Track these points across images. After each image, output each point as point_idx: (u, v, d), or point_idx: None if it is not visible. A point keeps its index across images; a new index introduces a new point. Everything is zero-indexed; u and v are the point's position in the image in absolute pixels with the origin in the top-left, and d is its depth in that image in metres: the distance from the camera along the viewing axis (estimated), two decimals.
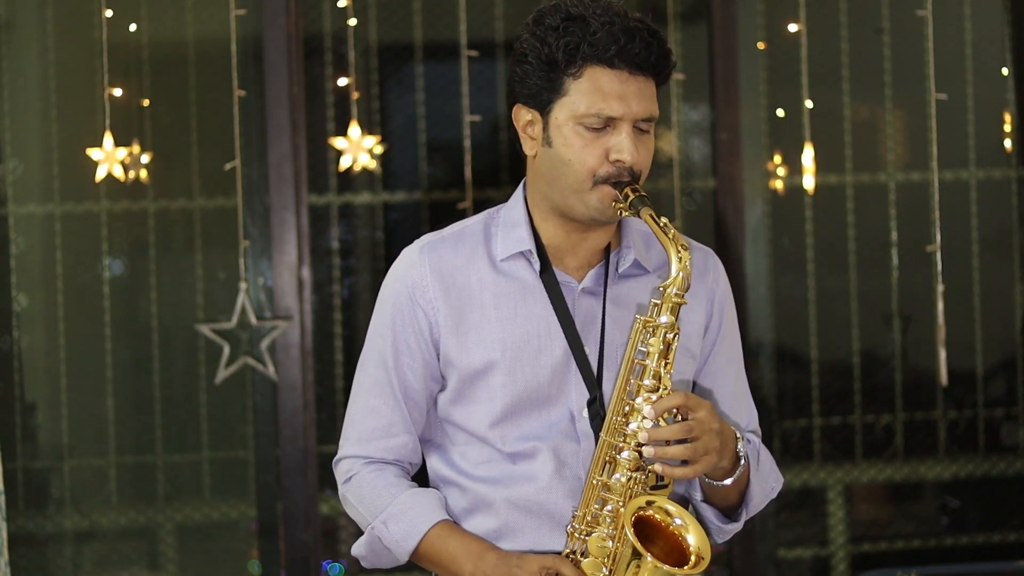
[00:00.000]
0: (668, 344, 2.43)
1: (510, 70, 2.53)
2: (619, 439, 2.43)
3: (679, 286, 2.42)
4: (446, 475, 2.60)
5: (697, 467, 2.39)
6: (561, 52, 2.44)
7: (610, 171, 2.45)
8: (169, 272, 5.19)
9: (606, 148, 2.45)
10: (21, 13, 5.13)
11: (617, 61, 2.43)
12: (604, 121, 2.45)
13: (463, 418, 2.56)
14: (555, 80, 2.46)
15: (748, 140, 5.07)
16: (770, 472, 2.62)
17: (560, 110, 2.47)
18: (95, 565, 5.16)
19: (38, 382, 5.15)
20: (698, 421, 2.39)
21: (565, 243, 2.56)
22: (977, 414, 5.42)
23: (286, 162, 4.73)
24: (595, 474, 2.45)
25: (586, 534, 2.45)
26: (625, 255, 2.57)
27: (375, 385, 2.60)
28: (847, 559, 5.37)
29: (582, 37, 2.43)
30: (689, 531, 2.41)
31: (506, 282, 2.55)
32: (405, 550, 2.53)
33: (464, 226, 2.62)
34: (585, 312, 2.54)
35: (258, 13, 4.72)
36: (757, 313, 5.13)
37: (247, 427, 5.12)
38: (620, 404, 2.44)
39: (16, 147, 5.10)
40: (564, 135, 2.47)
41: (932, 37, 4.39)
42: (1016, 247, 5.42)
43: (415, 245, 2.61)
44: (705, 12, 5.09)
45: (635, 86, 2.45)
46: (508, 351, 2.52)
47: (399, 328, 2.57)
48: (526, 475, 2.52)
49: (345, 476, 2.62)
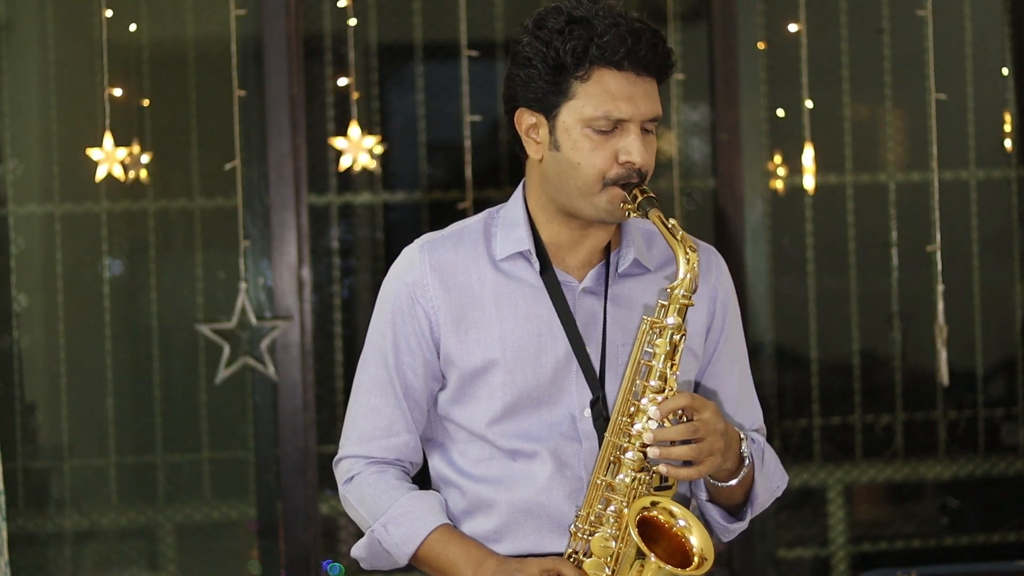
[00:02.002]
0: (675, 346, 2.43)
1: (511, 74, 2.51)
2: (624, 439, 2.43)
3: (687, 288, 2.42)
4: (447, 475, 2.60)
5: (702, 468, 2.40)
6: (569, 55, 2.43)
7: (620, 173, 2.45)
8: (169, 272, 5.19)
9: (615, 150, 2.45)
10: (21, 13, 5.13)
11: (625, 63, 2.43)
12: (613, 123, 2.44)
13: (463, 417, 2.56)
14: (562, 83, 2.45)
15: (748, 140, 5.07)
16: (775, 471, 2.62)
17: (568, 113, 2.46)
18: (95, 565, 5.16)
19: (38, 382, 5.15)
20: (703, 422, 2.39)
21: (566, 243, 2.55)
22: (977, 414, 5.42)
23: (286, 162, 4.73)
24: (599, 474, 2.45)
25: (589, 534, 2.45)
26: (625, 254, 2.57)
27: (376, 384, 2.59)
28: (847, 559, 5.37)
29: (589, 39, 2.42)
30: (693, 533, 2.41)
31: (506, 281, 2.55)
32: (405, 554, 2.53)
33: (464, 226, 2.61)
34: (586, 312, 2.54)
35: (258, 13, 4.72)
36: (757, 313, 5.13)
37: (247, 427, 5.12)
38: (625, 405, 2.44)
39: (16, 147, 5.10)
40: (573, 138, 2.46)
41: (932, 37, 4.39)
42: (1016, 247, 5.42)
43: (415, 244, 2.60)
44: (705, 12, 5.09)
45: (642, 87, 2.45)
46: (509, 349, 2.52)
47: (400, 327, 2.57)
48: (526, 475, 2.52)
49: (346, 476, 2.61)
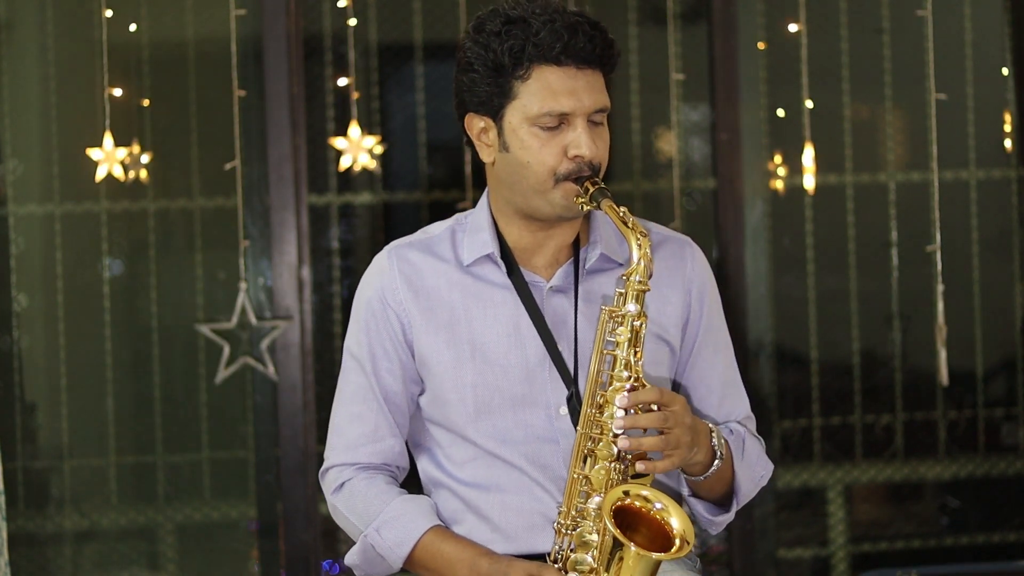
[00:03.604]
0: (636, 332, 2.43)
1: (456, 80, 2.53)
2: (595, 431, 2.44)
3: (641, 273, 2.42)
4: (436, 477, 2.61)
5: (673, 459, 2.40)
6: (507, 56, 2.45)
7: (570, 168, 2.46)
8: (169, 272, 5.19)
9: (563, 145, 2.46)
10: (21, 13, 5.13)
11: (563, 58, 2.44)
12: (558, 119, 2.46)
13: (442, 417, 2.58)
14: (504, 85, 2.47)
15: (748, 140, 5.07)
16: (757, 460, 2.62)
17: (512, 114, 2.48)
18: (95, 565, 5.16)
19: (38, 382, 5.14)
20: (672, 413, 2.39)
21: (531, 243, 2.57)
22: (977, 414, 5.42)
23: (286, 162, 4.73)
24: (575, 468, 2.45)
25: (572, 529, 2.46)
26: (592, 250, 2.57)
27: (357, 391, 2.61)
28: (847, 559, 5.37)
29: (526, 39, 2.44)
30: (671, 514, 2.40)
31: (474, 283, 2.57)
32: (399, 556, 2.53)
33: (432, 232, 2.65)
34: (554, 310, 2.55)
35: (258, 13, 4.72)
36: (757, 313, 5.13)
37: (247, 427, 5.11)
38: (593, 396, 2.44)
39: (16, 147, 5.10)
40: (520, 138, 2.47)
41: (932, 37, 4.39)
42: (1016, 247, 5.42)
43: (384, 251, 2.64)
44: (705, 12, 5.09)
45: (584, 80, 2.46)
46: (478, 350, 2.53)
47: (373, 332, 2.59)
48: (509, 479, 2.53)
49: (335, 485, 2.62)
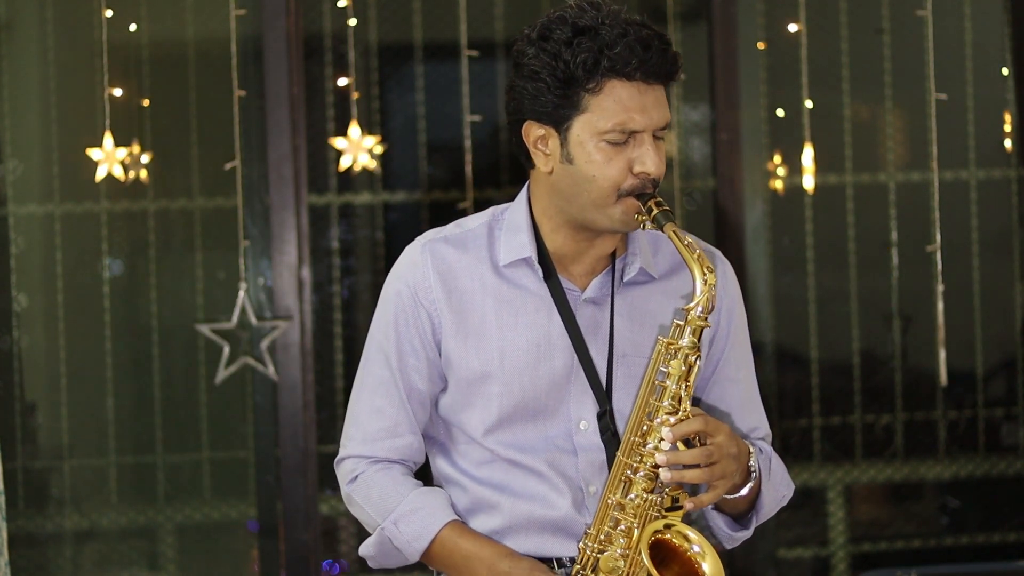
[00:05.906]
0: (690, 367, 2.39)
1: (516, 86, 2.45)
2: (636, 460, 2.40)
3: (704, 307, 2.38)
4: (449, 473, 2.59)
5: (717, 491, 2.38)
6: (579, 68, 2.38)
7: (634, 184, 2.41)
8: (169, 272, 5.19)
9: (629, 161, 2.41)
10: (21, 13, 5.13)
11: (637, 73, 2.38)
12: (627, 135, 2.40)
13: (461, 421, 2.55)
14: (572, 97, 2.40)
15: (748, 140, 5.07)
16: (781, 480, 2.59)
17: (580, 126, 2.41)
18: (95, 565, 5.16)
19: (38, 382, 5.15)
20: (717, 446, 2.36)
21: (573, 251, 2.52)
22: (977, 414, 5.42)
23: (286, 162, 4.73)
24: (611, 493, 2.42)
25: (599, 552, 2.43)
26: (631, 262, 2.53)
27: (380, 385, 2.57)
28: (847, 559, 5.37)
29: (599, 51, 2.37)
30: (706, 559, 2.38)
31: (508, 288, 2.53)
32: (416, 550, 2.51)
33: (468, 227, 2.58)
34: (587, 321, 2.51)
35: (258, 13, 4.71)
36: (757, 313, 5.13)
37: (247, 427, 5.11)
38: (638, 425, 2.40)
39: (16, 147, 5.10)
40: (587, 151, 2.41)
41: (932, 37, 4.39)
42: (1016, 247, 5.42)
43: (417, 243, 2.58)
44: (705, 12, 5.09)
45: (652, 96, 2.41)
46: (506, 360, 2.50)
47: (403, 328, 2.55)
48: (525, 485, 2.51)
49: (350, 476, 2.58)
